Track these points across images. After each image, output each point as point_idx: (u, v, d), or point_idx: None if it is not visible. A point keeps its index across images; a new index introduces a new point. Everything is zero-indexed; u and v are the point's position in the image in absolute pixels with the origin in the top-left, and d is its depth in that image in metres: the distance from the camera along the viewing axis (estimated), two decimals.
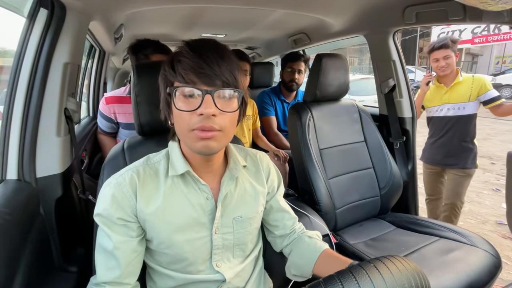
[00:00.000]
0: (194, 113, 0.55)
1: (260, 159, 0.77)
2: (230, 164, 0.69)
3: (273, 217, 0.79)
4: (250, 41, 2.60)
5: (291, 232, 0.79)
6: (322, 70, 1.36)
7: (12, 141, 0.86)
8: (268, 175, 0.77)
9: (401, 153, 1.62)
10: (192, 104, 0.55)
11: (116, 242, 0.59)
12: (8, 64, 0.92)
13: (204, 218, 0.65)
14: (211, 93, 0.54)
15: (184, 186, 0.65)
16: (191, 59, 0.55)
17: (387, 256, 0.42)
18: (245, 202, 0.70)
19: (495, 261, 1.06)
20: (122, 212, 0.60)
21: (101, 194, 0.61)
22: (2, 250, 0.66)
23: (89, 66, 2.12)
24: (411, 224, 1.35)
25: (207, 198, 0.65)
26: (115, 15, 1.37)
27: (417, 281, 0.39)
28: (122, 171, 0.64)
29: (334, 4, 1.41)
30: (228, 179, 0.68)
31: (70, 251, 0.99)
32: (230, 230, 0.68)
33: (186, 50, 0.57)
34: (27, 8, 0.87)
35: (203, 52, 0.56)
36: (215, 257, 0.68)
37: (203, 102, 0.54)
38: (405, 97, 1.62)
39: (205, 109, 0.54)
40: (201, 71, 0.55)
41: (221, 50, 0.58)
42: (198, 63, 0.55)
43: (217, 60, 0.56)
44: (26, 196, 0.84)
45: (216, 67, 0.55)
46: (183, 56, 0.56)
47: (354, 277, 0.38)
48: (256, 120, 1.97)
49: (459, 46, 1.89)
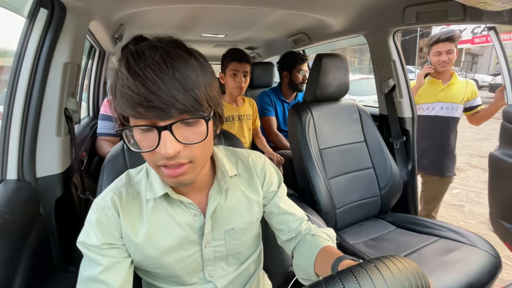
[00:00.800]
0: (155, 152, 0.46)
1: (253, 163, 0.69)
2: (218, 175, 0.61)
3: (276, 221, 0.72)
4: (250, 41, 2.60)
5: (298, 234, 0.72)
6: (322, 70, 1.36)
7: (12, 141, 0.86)
8: (264, 179, 0.70)
9: (401, 153, 1.62)
10: (150, 139, 0.46)
11: (106, 265, 0.53)
12: (8, 64, 0.92)
13: (193, 235, 0.60)
14: (168, 128, 0.44)
15: (168, 205, 0.58)
16: (132, 88, 0.42)
17: (388, 256, 0.42)
18: (237, 213, 0.64)
19: (495, 261, 1.06)
20: (109, 236, 0.54)
21: (86, 221, 0.56)
22: (2, 250, 0.66)
23: (89, 66, 2.12)
24: (411, 224, 1.35)
25: (194, 215, 0.60)
26: (115, 15, 1.37)
27: (418, 281, 0.39)
28: (104, 193, 0.59)
29: (334, 4, 1.42)
30: (216, 192, 0.61)
31: (70, 251, 0.99)
32: (222, 243, 0.63)
33: (124, 73, 0.43)
34: (27, 8, 0.87)
35: (146, 72, 0.42)
36: (208, 268, 0.64)
37: (161, 141, 0.44)
38: (405, 97, 1.62)
39: (164, 149, 0.44)
40: (148, 104, 0.42)
41: (170, 60, 0.44)
42: (142, 93, 0.42)
43: (166, 80, 0.42)
44: (26, 196, 0.84)
45: (166, 92, 0.42)
46: (123, 83, 0.43)
47: (355, 276, 0.38)
48: (256, 119, 1.97)
49: (459, 46, 1.86)
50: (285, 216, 0.71)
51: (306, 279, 0.65)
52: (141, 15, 1.47)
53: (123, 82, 0.43)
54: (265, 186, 0.70)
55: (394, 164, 1.49)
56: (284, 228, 0.72)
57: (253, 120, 1.93)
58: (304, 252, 0.66)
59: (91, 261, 0.54)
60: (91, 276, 0.53)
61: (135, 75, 0.42)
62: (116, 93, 0.45)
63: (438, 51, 1.71)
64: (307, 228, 0.73)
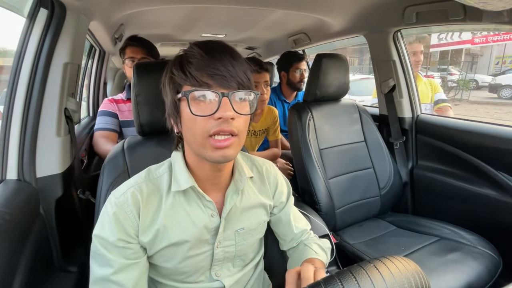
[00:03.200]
0: (211, 118, 0.52)
1: (266, 172, 0.73)
2: (235, 176, 0.65)
3: (282, 230, 0.77)
4: (250, 41, 2.60)
5: (298, 244, 0.78)
6: (322, 70, 1.36)
7: (12, 141, 0.86)
8: (276, 188, 0.74)
9: (401, 153, 1.62)
10: (206, 108, 0.52)
11: (119, 267, 0.54)
12: (8, 64, 0.92)
13: (207, 235, 0.62)
14: (228, 96, 0.52)
15: (187, 203, 0.60)
16: (204, 60, 0.52)
17: (387, 256, 0.42)
18: (249, 214, 0.67)
19: (495, 261, 1.06)
20: (124, 234, 0.56)
21: (102, 213, 0.58)
22: (2, 250, 0.66)
23: (89, 66, 2.12)
24: (411, 224, 1.35)
25: (212, 215, 0.62)
26: (115, 15, 1.37)
27: (418, 281, 0.39)
28: (123, 188, 0.59)
29: (334, 4, 1.42)
30: (232, 192, 0.64)
31: (70, 251, 0.99)
32: (233, 243, 0.66)
33: (197, 51, 0.53)
34: (27, 8, 0.87)
35: (216, 52, 0.53)
36: (215, 268, 0.66)
37: (221, 105, 0.51)
38: (405, 97, 1.62)
39: (224, 112, 0.51)
40: (216, 72, 0.52)
41: (232, 51, 0.56)
42: (213, 64, 0.52)
43: (230, 60, 0.53)
44: (26, 196, 0.84)
45: (230, 68, 0.53)
46: (194, 57, 0.53)
47: (354, 277, 0.38)
48: (276, 131, 1.77)
49: (459, 46, 1.93)
50: (291, 227, 0.76)
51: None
52: (141, 15, 1.47)
53: (194, 55, 0.54)
54: (277, 195, 0.74)
55: (394, 164, 1.49)
56: (287, 238, 0.77)
57: (272, 132, 1.78)
58: (294, 260, 0.74)
59: (104, 259, 0.55)
60: (104, 276, 0.54)
61: (206, 51, 0.53)
62: (184, 64, 0.54)
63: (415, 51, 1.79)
64: (306, 237, 0.78)
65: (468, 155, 1.33)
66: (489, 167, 1.26)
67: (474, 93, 10.57)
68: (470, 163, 1.33)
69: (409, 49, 1.79)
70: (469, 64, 13.59)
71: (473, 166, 1.32)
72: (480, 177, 1.30)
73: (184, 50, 0.57)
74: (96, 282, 0.55)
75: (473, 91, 10.78)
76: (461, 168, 1.39)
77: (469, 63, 13.92)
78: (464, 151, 1.35)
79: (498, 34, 11.30)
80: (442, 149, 1.45)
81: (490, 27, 8.79)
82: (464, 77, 11.27)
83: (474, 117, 1.93)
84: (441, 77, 11.30)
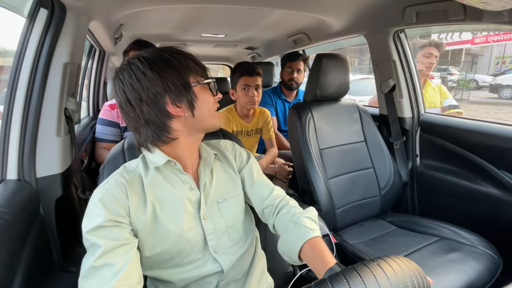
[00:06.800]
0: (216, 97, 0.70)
1: (224, 145, 0.82)
2: (202, 154, 0.73)
3: (249, 190, 0.79)
4: (250, 41, 2.60)
5: (271, 206, 0.77)
6: (322, 70, 1.36)
7: (12, 141, 0.86)
8: (235, 155, 0.81)
9: (401, 153, 1.62)
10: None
11: (108, 248, 0.54)
12: (8, 64, 0.92)
13: (191, 208, 0.67)
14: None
15: (166, 181, 0.66)
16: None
17: (388, 256, 0.43)
18: (223, 185, 0.74)
19: (495, 261, 1.06)
20: (114, 213, 0.57)
21: (87, 208, 0.58)
22: (2, 250, 0.66)
23: (89, 66, 2.12)
24: (411, 224, 1.35)
25: (191, 187, 0.68)
26: (115, 15, 1.37)
27: (419, 281, 0.40)
28: (104, 182, 0.63)
29: (334, 4, 1.42)
30: (204, 167, 0.72)
31: (70, 251, 0.99)
32: (218, 215, 0.71)
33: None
34: (27, 8, 0.87)
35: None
36: (211, 243, 0.69)
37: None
38: (405, 97, 1.62)
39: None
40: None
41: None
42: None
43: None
44: (26, 196, 0.84)
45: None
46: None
47: (359, 275, 0.39)
48: (270, 131, 1.81)
49: (459, 46, 1.94)
50: (256, 183, 0.79)
51: (291, 261, 0.71)
52: (141, 15, 1.47)
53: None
54: (238, 159, 0.81)
55: (394, 164, 1.49)
56: (257, 197, 0.79)
57: (265, 131, 1.82)
58: (288, 242, 0.70)
59: (93, 246, 0.55)
60: (93, 260, 0.53)
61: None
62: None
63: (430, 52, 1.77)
64: (284, 204, 0.77)
65: (470, 153, 1.33)
66: (490, 166, 1.26)
67: (474, 93, 10.56)
68: (472, 161, 1.33)
69: (425, 51, 1.82)
70: (469, 64, 13.60)
71: (475, 165, 1.32)
72: (482, 175, 1.30)
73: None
74: (85, 272, 0.54)
75: (473, 91, 10.78)
76: (463, 166, 1.39)
77: (469, 63, 13.92)
78: (466, 150, 1.35)
79: (498, 34, 11.31)
80: (444, 147, 1.45)
81: (490, 27, 8.76)
82: (464, 77, 11.27)
83: (474, 117, 1.92)
84: (441, 77, 11.30)
